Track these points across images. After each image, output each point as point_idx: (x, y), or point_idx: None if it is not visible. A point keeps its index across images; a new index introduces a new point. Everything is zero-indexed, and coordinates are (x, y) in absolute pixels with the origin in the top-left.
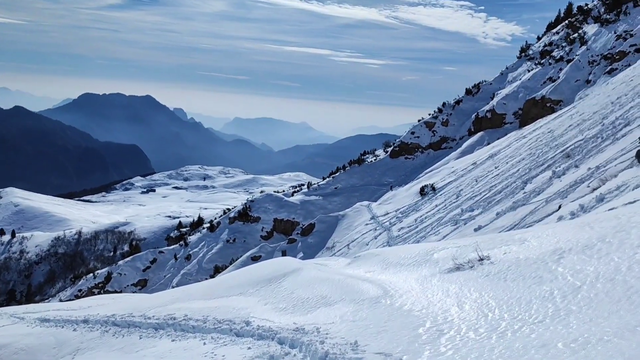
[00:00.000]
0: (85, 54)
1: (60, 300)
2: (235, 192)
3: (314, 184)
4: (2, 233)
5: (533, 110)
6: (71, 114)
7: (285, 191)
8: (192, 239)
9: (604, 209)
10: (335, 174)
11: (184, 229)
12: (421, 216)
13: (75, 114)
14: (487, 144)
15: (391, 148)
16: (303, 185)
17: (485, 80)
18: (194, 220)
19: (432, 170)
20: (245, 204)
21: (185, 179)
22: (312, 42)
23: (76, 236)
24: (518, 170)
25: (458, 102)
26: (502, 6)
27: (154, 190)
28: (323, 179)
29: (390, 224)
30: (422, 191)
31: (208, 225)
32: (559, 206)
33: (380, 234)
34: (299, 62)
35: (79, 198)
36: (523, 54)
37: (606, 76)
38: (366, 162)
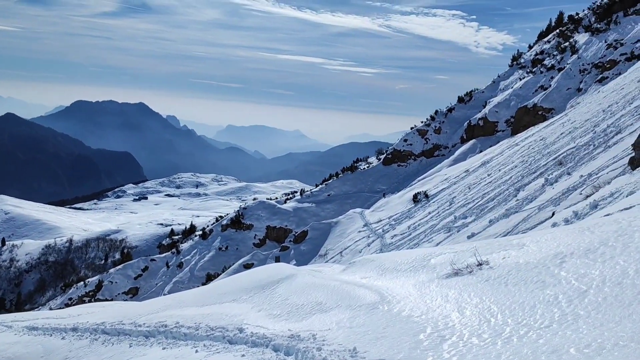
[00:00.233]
0: (78, 61)
1: (51, 308)
2: (228, 200)
3: (307, 191)
4: None
5: (525, 118)
6: (64, 121)
7: (278, 198)
8: (184, 246)
9: (599, 216)
10: (328, 181)
11: (176, 237)
12: (414, 223)
13: (68, 121)
14: (480, 152)
15: (384, 155)
16: (296, 192)
17: (478, 89)
18: (186, 227)
19: (425, 178)
20: (237, 211)
21: (178, 187)
22: (306, 51)
23: (67, 244)
24: (510, 177)
25: (450, 110)
26: (494, 16)
27: (146, 198)
28: (316, 186)
29: (383, 231)
30: (415, 198)
31: (200, 232)
32: (552, 213)
33: (373, 241)
34: (292, 70)
35: (70, 205)
36: (515, 63)
37: (597, 84)
38: (359, 170)
